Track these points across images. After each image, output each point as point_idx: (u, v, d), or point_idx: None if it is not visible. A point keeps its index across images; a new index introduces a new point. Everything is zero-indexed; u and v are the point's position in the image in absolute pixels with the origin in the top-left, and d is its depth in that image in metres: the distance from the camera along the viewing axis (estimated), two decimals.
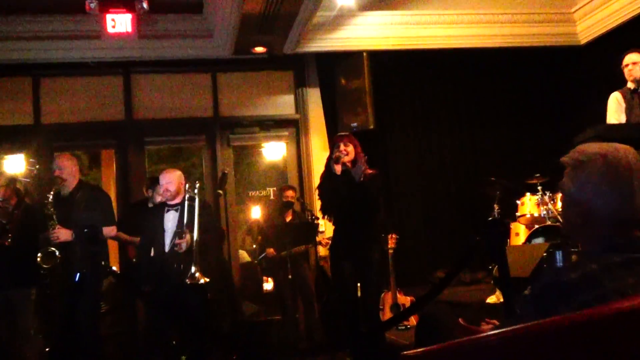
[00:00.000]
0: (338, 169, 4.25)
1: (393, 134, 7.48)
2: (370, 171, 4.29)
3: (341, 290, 4.24)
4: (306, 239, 6.06)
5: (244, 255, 8.24)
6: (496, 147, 7.63)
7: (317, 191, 4.43)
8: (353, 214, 4.21)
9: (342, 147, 4.31)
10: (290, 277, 5.91)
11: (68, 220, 4.51)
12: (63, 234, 4.44)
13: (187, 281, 4.13)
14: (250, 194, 9.37)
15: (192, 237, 4.30)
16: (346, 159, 4.29)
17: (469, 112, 7.72)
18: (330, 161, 4.30)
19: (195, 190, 4.39)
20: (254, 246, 9.04)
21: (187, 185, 4.52)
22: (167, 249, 4.39)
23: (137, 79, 7.05)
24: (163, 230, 4.44)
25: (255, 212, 9.48)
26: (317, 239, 6.18)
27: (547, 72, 7.75)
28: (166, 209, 4.53)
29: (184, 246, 4.28)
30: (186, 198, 4.37)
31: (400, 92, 7.55)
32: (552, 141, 7.35)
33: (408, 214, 7.35)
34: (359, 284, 4.29)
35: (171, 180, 4.51)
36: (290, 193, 6.28)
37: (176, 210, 4.40)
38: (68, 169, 4.60)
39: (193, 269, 4.15)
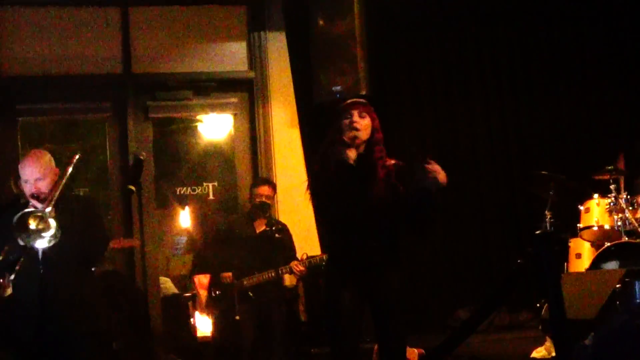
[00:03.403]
0: (352, 155, 3.93)
1: (397, 105, 7.51)
2: (392, 161, 4.09)
3: (338, 334, 4.06)
4: (282, 259, 6.12)
5: (169, 285, 8.23)
6: (550, 126, 7.70)
7: (307, 192, 4.16)
8: (370, 223, 3.99)
9: (355, 117, 3.97)
10: (237, 316, 5.94)
11: None
12: None
13: None
14: (178, 192, 9.33)
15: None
16: (361, 136, 3.97)
17: (512, 73, 7.76)
18: (333, 146, 3.96)
19: None
20: (182, 273, 9.04)
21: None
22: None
23: (6, 16, 6.98)
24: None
25: (185, 220, 9.46)
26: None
27: (626, 17, 7.75)
28: None
29: None
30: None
31: (410, 41, 7.59)
32: (634, 120, 7.50)
33: None
34: (372, 326, 4.19)
35: (42, 172, 4.30)
36: (265, 190, 6.28)
37: None
38: None
39: None
